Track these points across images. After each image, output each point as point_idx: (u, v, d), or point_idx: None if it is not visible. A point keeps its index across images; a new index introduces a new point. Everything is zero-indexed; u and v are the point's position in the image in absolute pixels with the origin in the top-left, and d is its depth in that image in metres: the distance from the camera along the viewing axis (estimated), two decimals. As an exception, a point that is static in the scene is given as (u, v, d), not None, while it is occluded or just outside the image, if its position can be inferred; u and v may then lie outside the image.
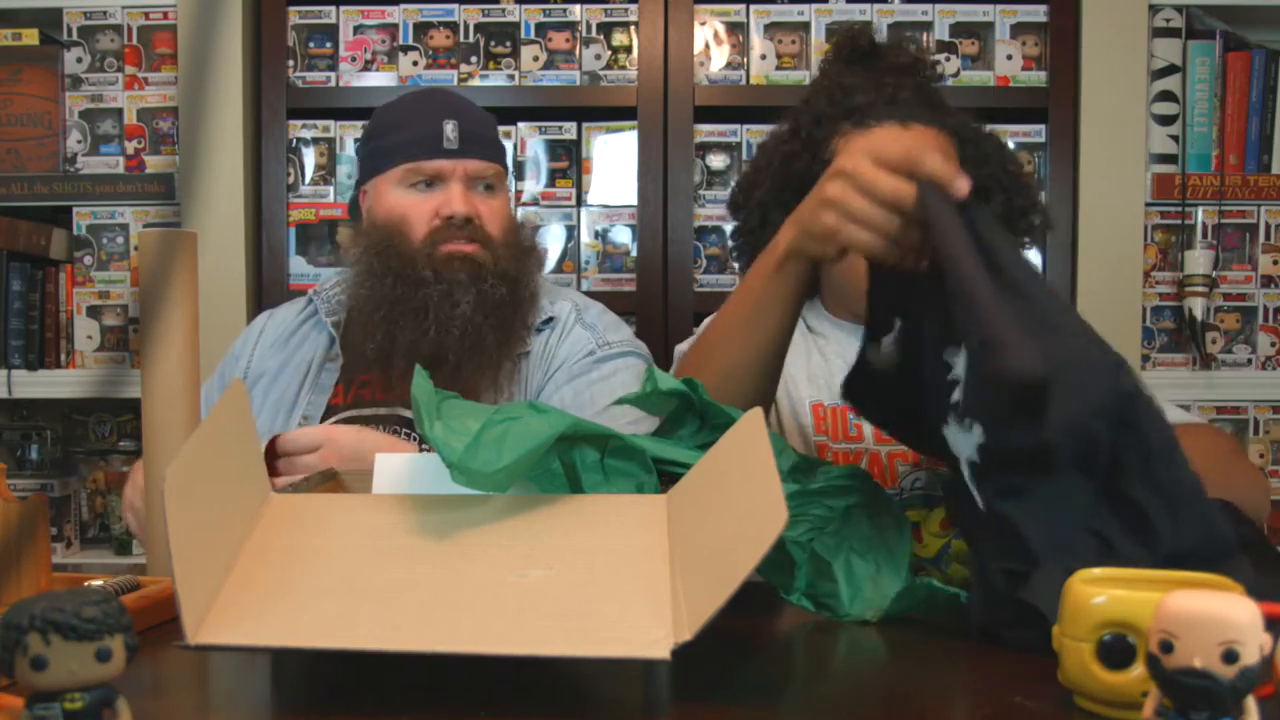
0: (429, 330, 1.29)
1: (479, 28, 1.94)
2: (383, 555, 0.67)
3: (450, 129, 1.34)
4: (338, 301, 1.44)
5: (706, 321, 1.35)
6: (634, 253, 1.92)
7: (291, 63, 1.95)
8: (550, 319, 1.39)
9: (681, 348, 1.32)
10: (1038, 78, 1.91)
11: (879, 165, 0.81)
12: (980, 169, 1.22)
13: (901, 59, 1.25)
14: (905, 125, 1.17)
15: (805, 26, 1.92)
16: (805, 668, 0.72)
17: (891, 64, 1.24)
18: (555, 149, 1.95)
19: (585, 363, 1.34)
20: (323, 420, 1.34)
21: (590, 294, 1.70)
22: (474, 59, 1.94)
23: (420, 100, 1.40)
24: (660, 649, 0.57)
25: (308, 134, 1.94)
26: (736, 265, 1.37)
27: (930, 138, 1.17)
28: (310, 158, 1.95)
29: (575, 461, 0.78)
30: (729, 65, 1.93)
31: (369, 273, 1.34)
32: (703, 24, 1.93)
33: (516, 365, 1.35)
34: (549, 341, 1.37)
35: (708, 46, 1.93)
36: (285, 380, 1.39)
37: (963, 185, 0.79)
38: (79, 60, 1.97)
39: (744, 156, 1.93)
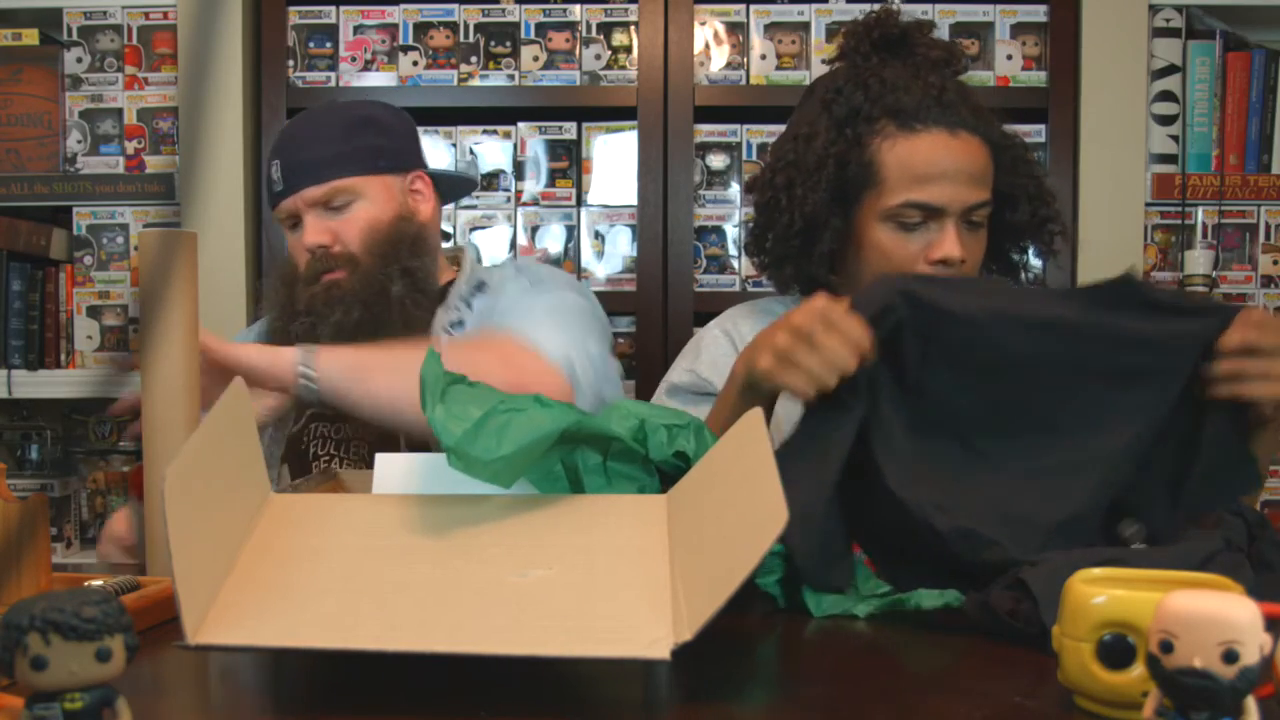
0: None
1: (479, 28, 1.94)
2: (383, 555, 0.67)
3: (274, 171, 1.34)
4: None
5: (694, 346, 1.33)
6: (634, 253, 1.92)
7: (291, 63, 1.95)
8: (481, 283, 1.38)
9: (672, 378, 1.30)
10: (1038, 78, 1.91)
11: (829, 327, 0.87)
12: (1009, 177, 1.21)
13: (935, 52, 1.20)
14: (953, 133, 1.14)
15: (805, 26, 1.92)
16: (805, 667, 0.72)
17: (925, 57, 1.20)
18: (555, 149, 1.95)
19: (521, 292, 1.34)
20: (296, 420, 1.35)
21: (590, 294, 1.70)
22: (474, 59, 1.94)
23: (272, 143, 1.41)
24: (660, 649, 0.57)
25: (308, 134, 1.94)
26: (758, 260, 1.28)
27: (975, 149, 1.15)
28: (310, 158, 1.94)
29: (578, 464, 0.78)
30: (729, 65, 1.93)
31: (270, 305, 1.39)
32: (703, 24, 1.93)
33: (452, 334, 1.34)
34: (489, 300, 1.37)
35: (708, 46, 1.93)
36: None
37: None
38: (79, 60, 1.97)
39: (744, 156, 1.93)
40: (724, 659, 0.68)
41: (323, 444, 1.33)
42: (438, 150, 1.94)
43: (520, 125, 1.94)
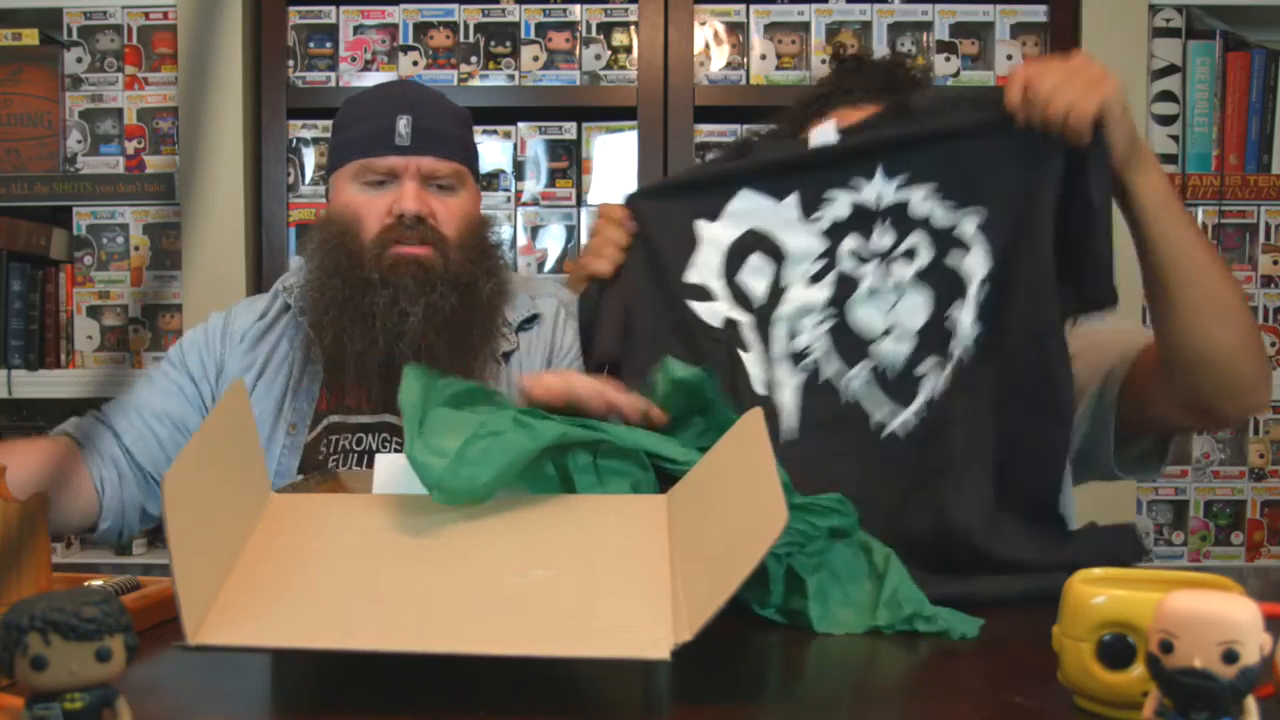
0: (378, 339, 1.24)
1: (479, 28, 1.94)
2: (383, 555, 0.67)
3: (403, 125, 1.27)
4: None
5: None
6: (634, 253, 1.92)
7: (291, 63, 1.95)
8: (535, 315, 1.36)
9: None
10: (1038, 78, 1.90)
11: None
12: None
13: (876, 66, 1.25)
14: (856, 107, 1.15)
15: (805, 26, 1.92)
16: (805, 668, 0.72)
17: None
18: (555, 149, 1.95)
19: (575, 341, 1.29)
20: (311, 428, 1.29)
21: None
22: (474, 59, 1.94)
23: (380, 93, 1.34)
24: (660, 649, 0.57)
25: (308, 134, 1.94)
26: None
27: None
28: (310, 158, 1.95)
29: (568, 464, 0.78)
30: (729, 65, 1.93)
31: (320, 270, 1.29)
32: (703, 24, 1.93)
33: (501, 365, 1.31)
34: (540, 336, 1.34)
35: (708, 46, 1.93)
36: (266, 385, 1.32)
37: None
38: (79, 60, 1.97)
39: (744, 156, 1.93)
40: (724, 659, 0.69)
41: (344, 459, 1.28)
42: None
43: (520, 125, 1.94)
